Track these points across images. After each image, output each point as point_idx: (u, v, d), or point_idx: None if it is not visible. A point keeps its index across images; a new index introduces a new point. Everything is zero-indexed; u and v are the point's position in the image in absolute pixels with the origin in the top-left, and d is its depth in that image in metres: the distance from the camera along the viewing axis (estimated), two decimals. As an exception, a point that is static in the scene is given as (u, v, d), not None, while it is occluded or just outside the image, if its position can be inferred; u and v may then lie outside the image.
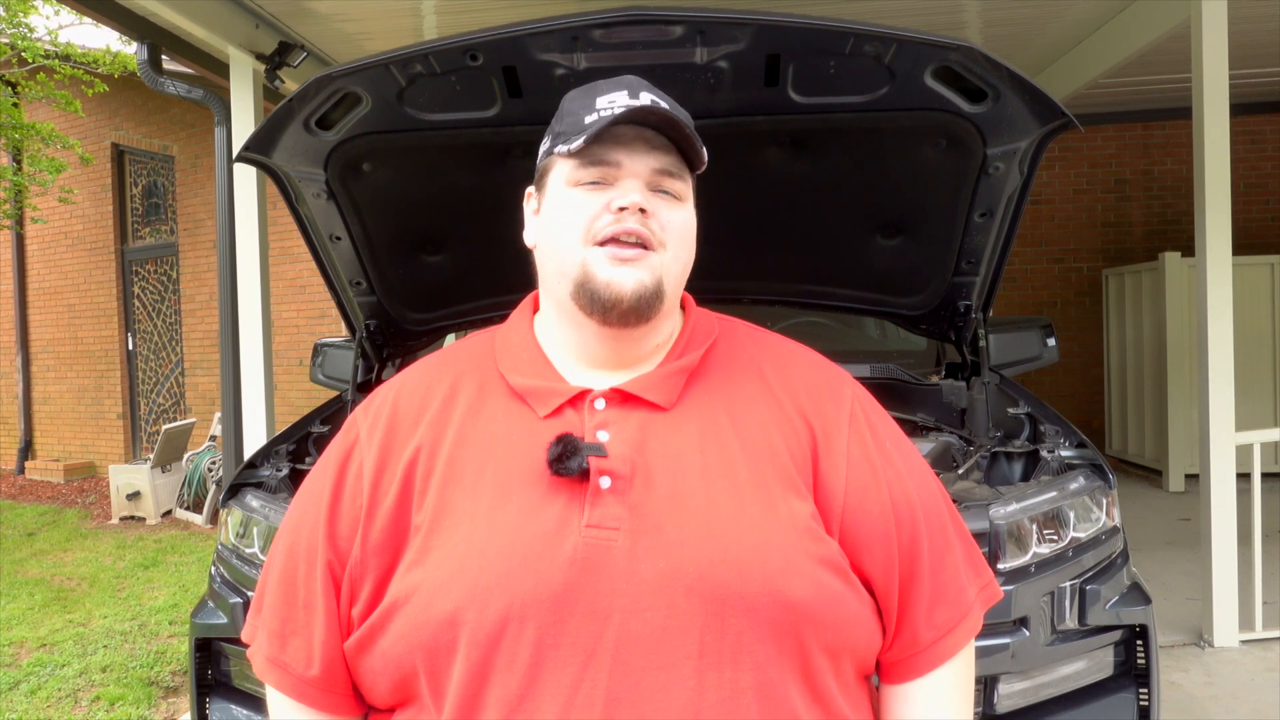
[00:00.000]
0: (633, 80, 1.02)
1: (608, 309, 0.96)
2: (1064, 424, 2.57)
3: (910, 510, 0.99)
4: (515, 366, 1.03)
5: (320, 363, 3.13)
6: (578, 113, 1.00)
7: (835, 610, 0.92)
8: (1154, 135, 8.26)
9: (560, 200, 1.00)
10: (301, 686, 0.99)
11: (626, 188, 0.97)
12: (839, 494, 0.97)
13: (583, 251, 0.97)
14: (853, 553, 0.96)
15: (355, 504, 0.98)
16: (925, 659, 1.01)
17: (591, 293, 0.96)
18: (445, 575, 0.90)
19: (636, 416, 0.97)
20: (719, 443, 0.96)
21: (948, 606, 1.01)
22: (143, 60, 5.18)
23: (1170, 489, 6.95)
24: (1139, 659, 2.22)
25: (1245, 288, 6.77)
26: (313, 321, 8.07)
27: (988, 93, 1.96)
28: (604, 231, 0.96)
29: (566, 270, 0.98)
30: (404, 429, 1.00)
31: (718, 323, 1.09)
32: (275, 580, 1.02)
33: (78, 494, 8.88)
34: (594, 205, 0.97)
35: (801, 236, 2.62)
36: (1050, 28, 5.34)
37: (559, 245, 0.99)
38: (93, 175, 9.65)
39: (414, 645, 0.90)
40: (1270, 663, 3.78)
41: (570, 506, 0.91)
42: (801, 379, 1.04)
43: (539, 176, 1.05)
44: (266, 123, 2.02)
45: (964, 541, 1.06)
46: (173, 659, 4.24)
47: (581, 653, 0.87)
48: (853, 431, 1.01)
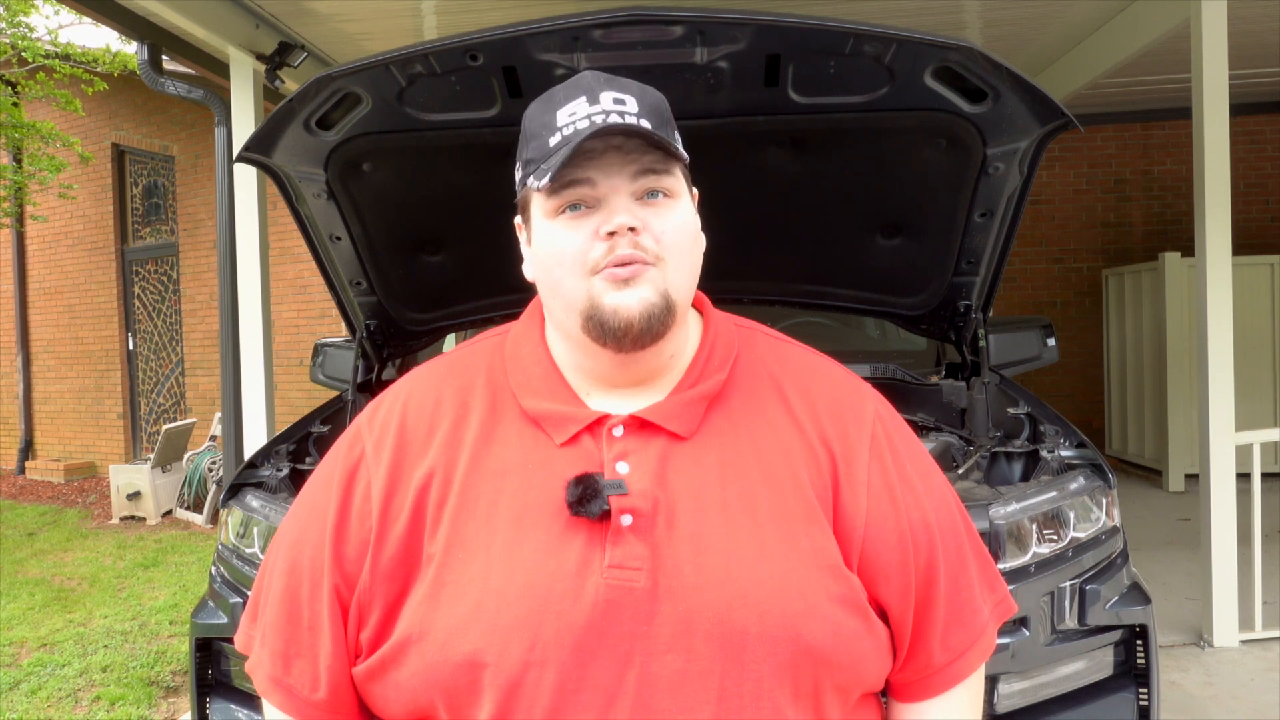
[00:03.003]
0: (590, 80, 0.94)
1: (620, 337, 0.91)
2: (1064, 424, 2.57)
3: (929, 536, 0.98)
4: (528, 387, 0.98)
5: (320, 363, 3.13)
6: (540, 134, 0.94)
7: (851, 650, 0.91)
8: (1154, 135, 8.26)
9: (545, 235, 0.95)
10: (307, 709, 0.97)
11: (611, 208, 0.92)
12: (859, 525, 0.94)
13: (585, 283, 0.92)
14: (870, 582, 0.94)
15: (364, 526, 0.94)
16: (939, 680, 0.99)
17: (600, 323, 0.91)
18: (462, 615, 0.88)
19: (656, 446, 0.94)
20: (740, 474, 0.93)
21: (962, 629, 0.99)
22: (143, 60, 5.18)
23: (1170, 489, 6.95)
24: (1139, 659, 2.22)
25: (1245, 288, 6.77)
26: (313, 321, 8.07)
27: (988, 93, 1.96)
28: (600, 262, 0.91)
29: (573, 304, 0.93)
30: (414, 448, 0.96)
31: (738, 335, 1.04)
32: (277, 598, 0.99)
33: (78, 494, 8.88)
34: (580, 236, 0.92)
35: (801, 236, 2.62)
36: (1050, 28, 5.33)
37: (559, 282, 0.94)
38: (93, 175, 9.65)
39: (430, 684, 0.88)
40: (1270, 663, 3.78)
41: (590, 545, 0.89)
42: (824, 398, 1.00)
43: (521, 208, 1.00)
44: (266, 123, 2.02)
45: (979, 558, 1.04)
46: (173, 659, 4.24)
47: (603, 696, 0.85)
48: (874, 456, 0.98)
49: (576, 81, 0.95)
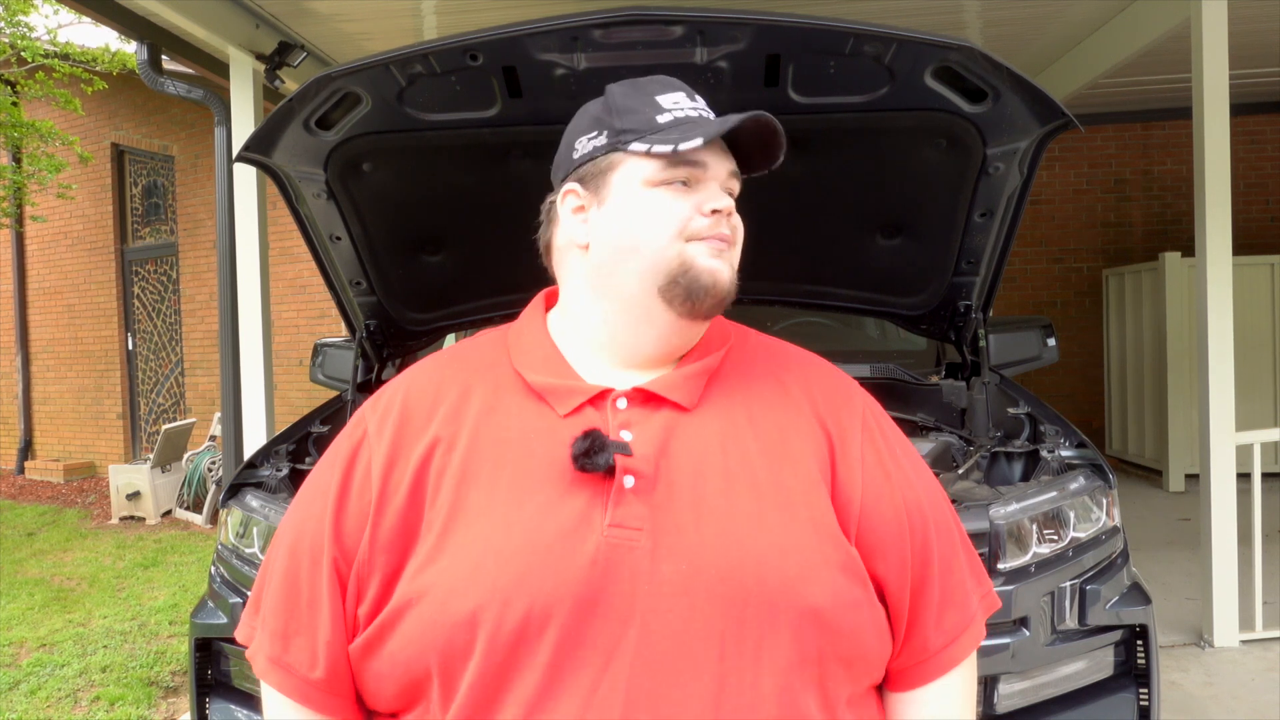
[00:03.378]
0: (675, 80, 1.05)
1: (703, 297, 0.98)
2: (1064, 424, 2.57)
3: (922, 516, 1.00)
4: (532, 364, 1.02)
5: (320, 363, 3.13)
6: (641, 110, 1.00)
7: (852, 617, 0.92)
8: (1154, 135, 8.26)
9: (641, 199, 0.99)
10: (304, 688, 0.97)
11: (714, 191, 1.00)
12: (856, 498, 0.97)
13: (678, 246, 0.98)
14: (868, 557, 0.96)
15: (364, 500, 0.96)
16: (934, 665, 1.01)
17: (692, 281, 0.97)
18: (461, 575, 0.89)
19: (659, 417, 0.97)
20: (740, 445, 0.96)
21: (956, 612, 1.01)
22: (143, 60, 5.18)
23: (1170, 489, 6.95)
24: (1139, 659, 2.22)
25: (1245, 288, 6.76)
26: (313, 321, 8.07)
27: (988, 93, 1.95)
28: (702, 232, 0.98)
29: (659, 265, 0.98)
30: (416, 424, 0.98)
31: (731, 329, 1.10)
32: (278, 579, 1.00)
33: (78, 494, 8.88)
34: (685, 205, 0.98)
35: (801, 236, 2.62)
36: (1050, 28, 5.33)
37: (647, 242, 0.98)
38: (92, 175, 9.65)
39: (427, 646, 0.89)
40: (1270, 663, 3.78)
41: (592, 505, 0.91)
42: (818, 384, 1.05)
43: (592, 175, 1.02)
44: (266, 123, 2.02)
45: (967, 549, 1.06)
46: (173, 659, 4.24)
47: (602, 654, 0.86)
48: (866, 437, 1.01)
49: (659, 79, 1.05)
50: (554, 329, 1.06)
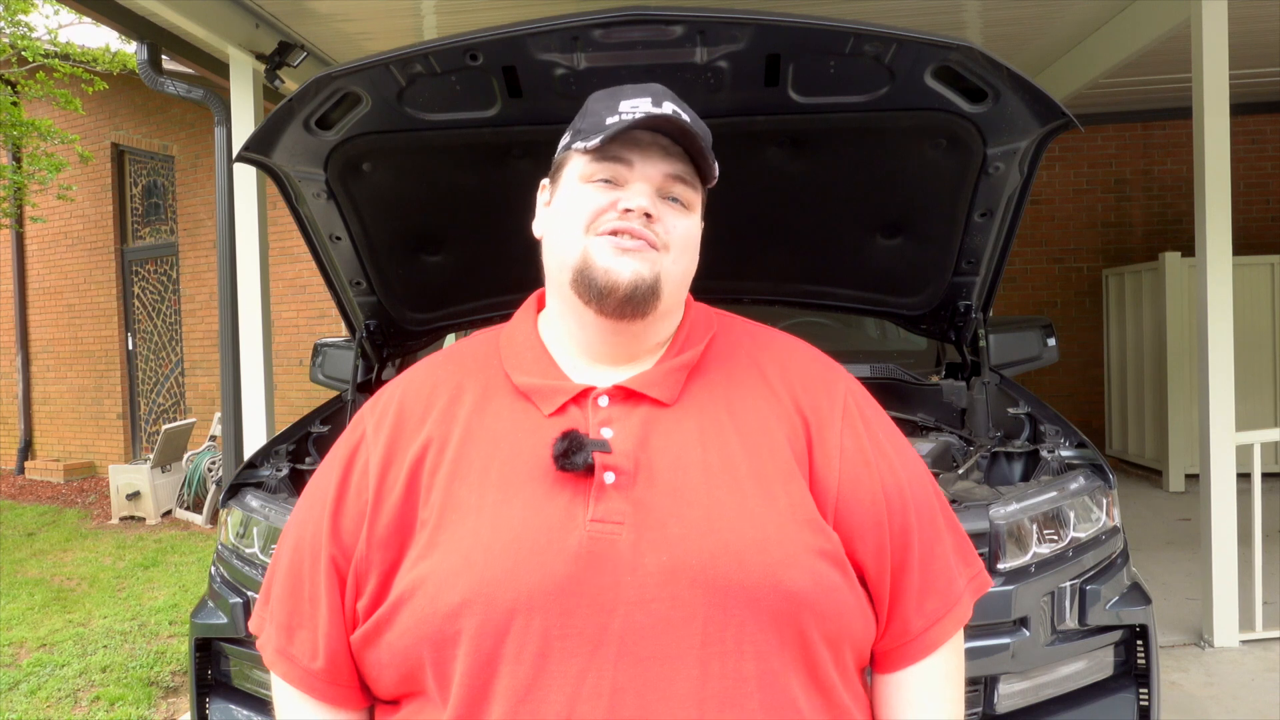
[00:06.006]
0: (659, 89, 1.05)
1: (604, 296, 0.98)
2: (1064, 424, 2.57)
3: (901, 499, 1.02)
4: (520, 365, 1.05)
5: (320, 363, 3.14)
6: (600, 113, 1.03)
7: (833, 600, 0.95)
8: (1154, 135, 8.26)
9: (570, 193, 1.03)
10: (307, 679, 1.01)
11: (635, 190, 1.00)
12: (833, 485, 0.99)
13: (584, 240, 1.00)
14: (846, 541, 0.99)
15: (361, 499, 1.00)
16: (916, 647, 1.03)
17: (590, 279, 0.99)
18: (451, 568, 0.92)
19: (639, 413, 1.00)
20: (719, 438, 0.99)
21: (938, 595, 1.03)
22: (143, 60, 5.18)
23: (1170, 489, 6.95)
24: (1139, 659, 2.22)
25: (1245, 288, 6.77)
26: (313, 321, 8.07)
27: (988, 93, 1.95)
28: (606, 225, 0.99)
29: (568, 259, 1.01)
30: (410, 425, 1.02)
31: (716, 318, 1.12)
32: (283, 574, 1.05)
33: (78, 494, 8.88)
34: (601, 200, 1.00)
35: (801, 236, 2.62)
36: (1050, 28, 5.34)
37: (563, 234, 1.02)
38: (92, 175, 9.65)
39: (420, 638, 0.92)
40: (1270, 663, 3.78)
41: (575, 501, 0.94)
42: (798, 372, 1.07)
43: (554, 170, 1.08)
44: (266, 123, 2.02)
45: (954, 532, 1.08)
46: (173, 659, 4.24)
47: (588, 644, 0.89)
48: (846, 424, 1.03)
49: (647, 86, 1.06)
50: (543, 328, 1.09)
